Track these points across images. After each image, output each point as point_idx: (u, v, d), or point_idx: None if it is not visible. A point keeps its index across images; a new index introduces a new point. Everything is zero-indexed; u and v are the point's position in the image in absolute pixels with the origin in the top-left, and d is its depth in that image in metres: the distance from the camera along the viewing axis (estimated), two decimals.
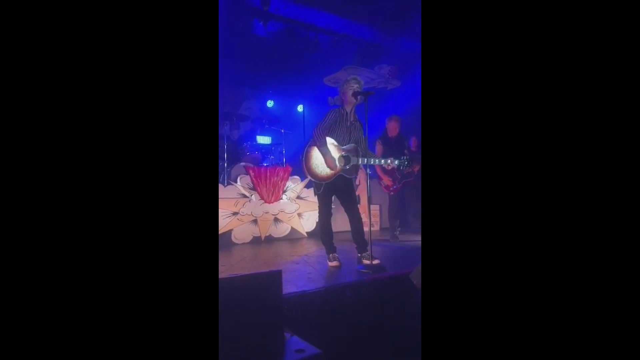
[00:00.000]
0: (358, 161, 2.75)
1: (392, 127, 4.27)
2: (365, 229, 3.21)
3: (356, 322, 2.00)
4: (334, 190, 2.81)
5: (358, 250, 2.81)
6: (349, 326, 1.95)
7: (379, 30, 5.22)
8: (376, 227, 5.25)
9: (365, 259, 2.71)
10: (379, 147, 4.23)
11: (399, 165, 2.87)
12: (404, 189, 4.31)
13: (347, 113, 2.76)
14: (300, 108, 7.15)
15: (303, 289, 2.09)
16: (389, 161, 2.80)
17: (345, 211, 2.87)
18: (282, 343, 1.29)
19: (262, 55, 5.33)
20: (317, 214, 2.93)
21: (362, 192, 5.30)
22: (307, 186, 4.57)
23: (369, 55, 5.60)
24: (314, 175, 2.71)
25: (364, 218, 5.21)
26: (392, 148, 4.10)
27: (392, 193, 4.35)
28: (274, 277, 1.34)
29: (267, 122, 5.55)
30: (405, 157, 2.91)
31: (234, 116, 5.10)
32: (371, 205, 4.87)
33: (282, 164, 4.98)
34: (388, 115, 4.40)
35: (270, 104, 6.99)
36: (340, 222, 5.20)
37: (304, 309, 1.86)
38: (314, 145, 2.70)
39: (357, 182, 5.27)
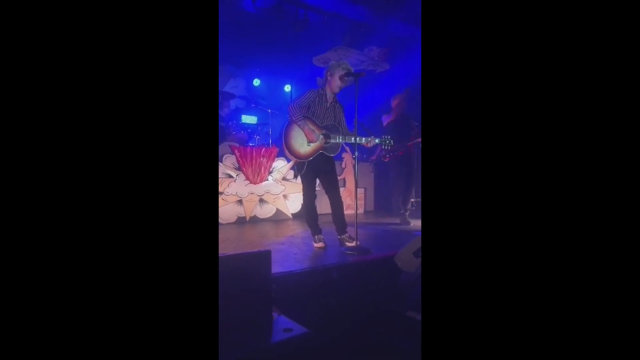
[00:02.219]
0: (338, 139, 2.75)
1: (399, 106, 4.22)
2: (352, 211, 3.23)
3: (342, 303, 2.04)
4: (317, 172, 2.80)
5: (338, 232, 2.83)
6: (334, 307, 1.98)
7: (370, 11, 5.13)
8: (361, 210, 5.29)
9: (346, 241, 2.75)
10: (397, 99, 4.23)
11: (380, 143, 2.87)
12: (401, 165, 4.25)
13: (326, 95, 2.75)
14: (287, 88, 7.04)
15: (289, 269, 2.10)
16: (370, 139, 2.78)
17: (326, 193, 2.88)
18: (270, 322, 1.30)
19: (249, 32, 5.17)
20: (303, 197, 2.94)
21: (348, 176, 5.32)
22: (293, 167, 4.54)
23: (359, 36, 5.51)
24: (295, 153, 2.69)
25: (351, 201, 5.26)
26: (399, 126, 4.08)
27: (387, 160, 4.29)
28: (263, 257, 1.33)
29: (254, 101, 5.44)
30: (386, 136, 2.91)
31: (220, 94, 4.97)
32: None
33: (268, 144, 4.92)
34: (375, 98, 4.38)
35: (256, 82, 6.84)
36: (326, 204, 5.23)
37: (290, 289, 1.88)
38: (292, 122, 2.68)
39: (343, 165, 5.28)
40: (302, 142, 2.70)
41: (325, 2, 4.94)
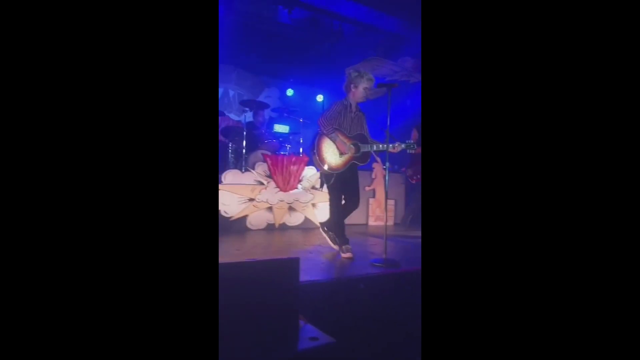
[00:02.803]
0: (367, 148, 2.77)
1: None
2: (381, 223, 3.20)
3: (368, 315, 2.01)
4: (343, 182, 2.81)
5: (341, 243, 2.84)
6: (360, 318, 1.95)
7: (404, 23, 5.13)
8: (390, 222, 5.22)
9: (342, 251, 2.80)
10: (414, 134, 4.19)
11: (405, 149, 2.86)
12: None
13: (351, 104, 2.79)
14: (319, 98, 7.12)
15: (316, 278, 2.10)
16: (396, 145, 2.77)
17: (346, 201, 2.89)
18: (296, 330, 1.31)
19: (285, 43, 5.30)
20: (329, 207, 2.94)
21: (378, 186, 5.28)
22: (321, 177, 4.57)
23: (393, 47, 5.52)
24: (327, 165, 2.73)
25: (380, 212, 5.21)
26: None
27: (414, 182, 4.32)
28: (292, 265, 1.34)
29: (286, 111, 5.54)
30: (410, 141, 2.89)
31: (254, 104, 5.11)
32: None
33: (299, 153, 4.98)
34: (408, 109, 4.35)
35: (290, 92, 6.97)
36: (355, 215, 5.20)
37: (317, 298, 1.88)
38: (323, 135, 2.73)
39: (373, 176, 5.24)
40: (334, 154, 2.74)
41: (360, 13, 4.99)
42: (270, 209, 4.29)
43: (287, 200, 4.38)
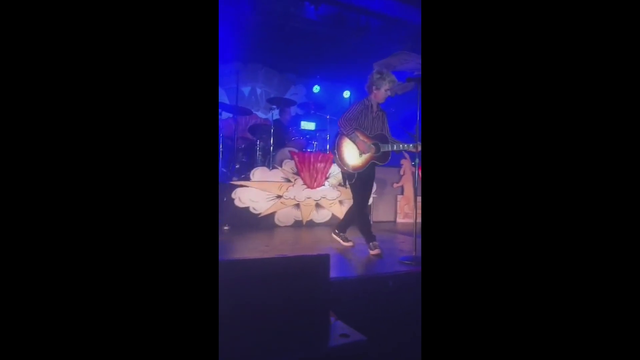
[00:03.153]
0: (387, 148, 2.79)
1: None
2: (410, 220, 3.17)
3: (397, 312, 1.98)
4: (366, 179, 2.85)
5: (338, 228, 3.08)
6: (390, 316, 1.93)
7: None
8: (420, 219, 5.13)
9: (339, 237, 3.03)
10: None
11: None
12: None
13: (372, 104, 2.82)
14: (346, 94, 7.07)
15: (345, 275, 2.09)
16: (418, 145, 2.73)
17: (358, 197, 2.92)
18: (327, 326, 1.30)
19: (311, 39, 5.30)
20: (353, 206, 2.99)
21: (407, 183, 5.20)
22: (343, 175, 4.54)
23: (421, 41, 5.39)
24: (347, 164, 2.76)
25: (409, 210, 5.13)
26: None
27: None
28: (322, 261, 1.34)
29: (313, 108, 5.55)
30: None
31: (281, 101, 5.14)
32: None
33: (325, 150, 4.98)
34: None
35: (316, 89, 6.97)
36: (381, 212, 5.15)
37: (347, 295, 1.87)
38: (343, 135, 2.76)
39: (401, 172, 5.17)
40: (354, 154, 2.77)
41: (387, 7, 4.91)
42: (297, 206, 4.32)
43: (314, 197, 4.39)
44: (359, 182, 2.81)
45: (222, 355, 1.05)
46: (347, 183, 2.94)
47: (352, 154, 2.76)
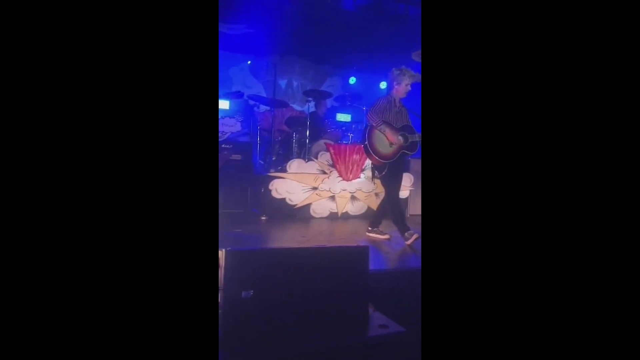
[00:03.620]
0: (415, 138, 2.92)
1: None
2: None
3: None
4: (396, 171, 2.97)
5: (371, 225, 3.12)
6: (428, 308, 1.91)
7: None
8: None
9: (374, 233, 3.06)
10: None
11: None
12: None
13: (394, 99, 2.97)
14: (383, 85, 6.96)
15: (382, 267, 2.09)
16: None
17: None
18: (366, 317, 1.32)
19: (348, 30, 5.25)
20: (385, 197, 3.08)
21: None
22: (372, 168, 4.49)
23: None
24: (379, 154, 2.86)
25: None
26: None
27: None
28: (361, 252, 1.35)
29: (349, 100, 5.51)
30: None
31: (317, 93, 5.15)
32: None
33: (361, 142, 4.94)
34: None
35: (352, 80, 6.91)
36: (418, 205, 5.05)
37: (385, 287, 1.87)
38: (373, 128, 2.88)
39: None
40: (385, 144, 2.88)
41: None
42: (333, 197, 4.34)
43: (349, 189, 4.38)
44: (389, 174, 2.89)
45: (260, 340, 1.09)
46: (376, 175, 3.04)
47: (383, 144, 2.87)
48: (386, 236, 3.03)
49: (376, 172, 3.00)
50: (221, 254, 1.20)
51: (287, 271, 1.21)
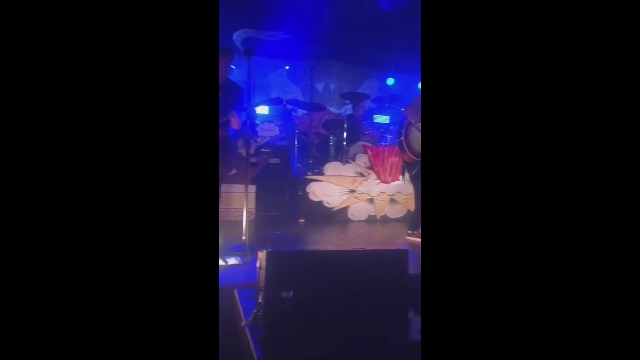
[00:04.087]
0: None
1: None
2: None
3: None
4: None
5: (410, 227, 3.06)
6: None
7: None
8: None
9: (414, 236, 3.00)
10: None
11: None
12: None
13: None
14: (421, 85, 6.82)
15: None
16: None
17: None
18: (406, 321, 1.29)
19: (386, 31, 5.20)
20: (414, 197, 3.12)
21: None
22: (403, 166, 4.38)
23: None
24: (414, 151, 2.85)
25: None
26: None
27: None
28: (401, 255, 1.33)
29: (388, 101, 5.45)
30: None
31: (354, 96, 5.14)
32: None
33: (397, 138, 4.86)
34: None
35: (390, 81, 6.83)
36: None
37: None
38: (410, 125, 2.84)
39: None
40: (420, 142, 2.79)
41: None
42: (371, 200, 4.30)
43: (388, 192, 4.33)
44: (418, 172, 2.91)
45: (299, 341, 1.09)
46: (405, 175, 3.08)
47: (419, 141, 2.81)
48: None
49: (406, 170, 2.99)
50: (262, 255, 1.23)
51: (327, 273, 1.22)
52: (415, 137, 2.84)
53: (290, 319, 1.15)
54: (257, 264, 1.26)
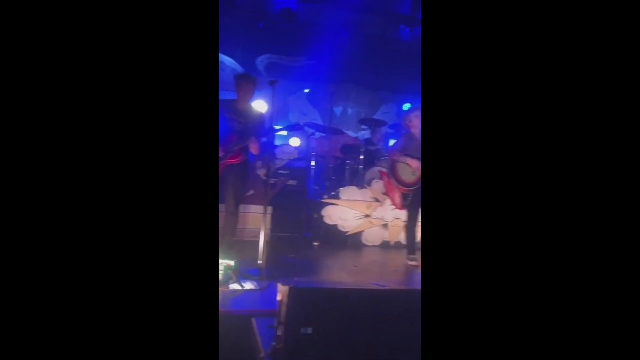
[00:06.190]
0: None
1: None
2: None
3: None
4: (415, 197, 3.26)
5: (410, 254, 3.30)
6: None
7: None
8: None
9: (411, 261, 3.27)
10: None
11: None
12: None
13: (414, 135, 3.31)
14: None
15: None
16: None
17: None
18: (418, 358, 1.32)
19: (404, 59, 5.32)
20: (405, 222, 3.47)
21: None
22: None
23: None
24: (404, 183, 3.23)
25: None
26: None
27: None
28: (415, 295, 1.37)
29: (405, 128, 5.51)
30: None
31: (372, 122, 5.23)
32: None
33: (388, 177, 4.90)
34: None
35: (406, 107, 6.91)
36: None
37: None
38: (395, 162, 3.27)
39: None
40: (407, 172, 3.23)
41: None
42: (385, 226, 4.32)
43: (402, 219, 4.34)
44: (412, 201, 3.27)
45: None
46: (404, 202, 3.37)
47: (406, 173, 3.24)
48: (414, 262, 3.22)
49: (404, 200, 3.39)
50: (283, 289, 1.29)
51: (345, 311, 1.27)
52: (402, 170, 3.23)
53: (309, 355, 1.20)
54: (278, 297, 1.32)
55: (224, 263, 2.20)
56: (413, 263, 3.24)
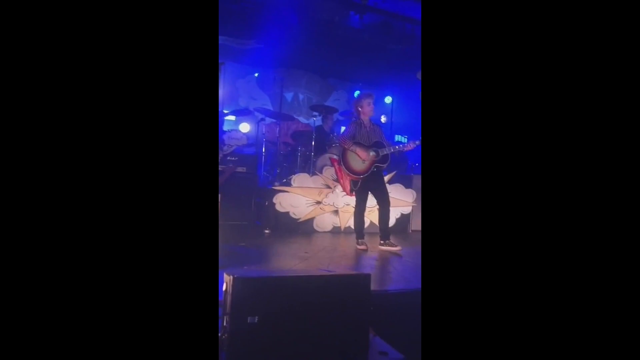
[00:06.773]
0: (385, 151, 3.31)
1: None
2: None
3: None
4: (369, 188, 3.39)
5: (381, 238, 3.36)
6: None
7: None
8: None
9: (389, 245, 3.31)
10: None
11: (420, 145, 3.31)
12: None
13: (363, 122, 3.42)
14: (388, 99, 7.03)
15: (384, 288, 2.12)
16: (416, 142, 3.34)
17: (378, 204, 3.48)
18: (366, 342, 1.35)
19: (354, 47, 5.34)
20: (354, 207, 3.54)
21: None
22: (390, 182, 4.52)
23: None
24: (354, 171, 3.28)
25: None
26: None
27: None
28: (363, 280, 1.39)
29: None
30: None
31: (323, 108, 5.22)
32: None
33: (338, 164, 4.98)
34: None
35: (357, 94, 6.99)
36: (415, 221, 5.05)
37: (385, 309, 1.89)
38: (346, 150, 3.30)
39: None
40: (357, 161, 3.29)
41: None
42: (336, 212, 4.37)
43: (352, 204, 4.41)
44: (364, 189, 3.36)
45: None
46: (352, 191, 3.44)
47: (355, 161, 3.30)
48: (398, 248, 3.26)
49: (353, 186, 3.43)
50: (228, 278, 1.24)
51: (293, 298, 1.25)
52: (352, 158, 3.28)
53: (255, 344, 1.17)
54: (224, 288, 1.27)
55: None
56: (362, 247, 3.32)
